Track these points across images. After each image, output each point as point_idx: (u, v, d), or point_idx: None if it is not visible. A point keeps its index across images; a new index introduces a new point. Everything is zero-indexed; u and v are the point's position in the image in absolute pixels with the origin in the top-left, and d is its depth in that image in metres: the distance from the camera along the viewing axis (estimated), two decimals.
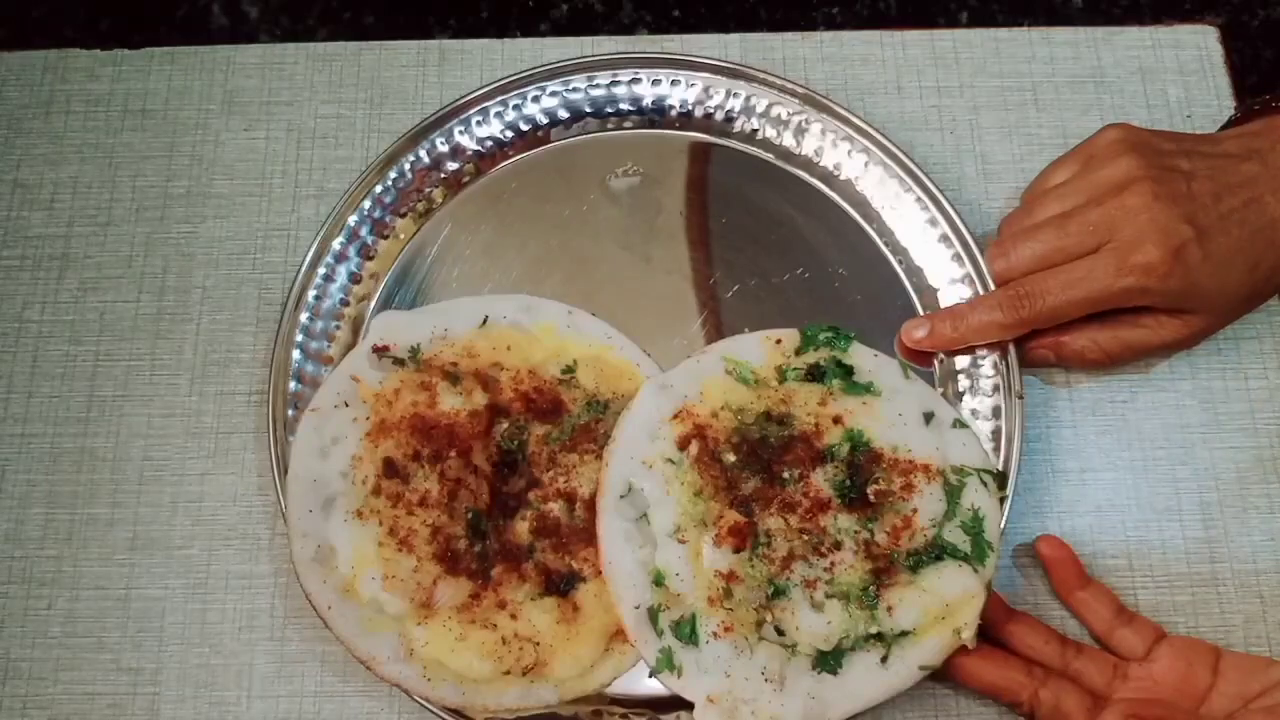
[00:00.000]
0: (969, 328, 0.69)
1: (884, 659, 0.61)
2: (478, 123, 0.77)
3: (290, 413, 0.69)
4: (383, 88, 0.81)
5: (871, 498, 0.64)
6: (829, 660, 0.61)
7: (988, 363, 0.71)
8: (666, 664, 0.61)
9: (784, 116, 0.77)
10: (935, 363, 0.72)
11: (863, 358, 0.68)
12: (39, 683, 0.67)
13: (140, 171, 0.79)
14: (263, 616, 0.68)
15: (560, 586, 0.64)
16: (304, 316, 0.72)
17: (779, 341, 0.69)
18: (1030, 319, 0.68)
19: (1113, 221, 0.66)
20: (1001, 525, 0.65)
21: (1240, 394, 0.73)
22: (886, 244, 0.75)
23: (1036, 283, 0.68)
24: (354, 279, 0.74)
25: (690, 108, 0.78)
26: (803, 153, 0.77)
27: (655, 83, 0.78)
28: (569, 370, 0.69)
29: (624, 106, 0.78)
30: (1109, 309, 0.68)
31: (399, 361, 0.68)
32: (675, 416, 0.65)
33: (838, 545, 0.63)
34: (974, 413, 0.70)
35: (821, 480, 0.64)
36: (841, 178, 0.76)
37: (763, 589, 0.62)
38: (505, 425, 0.67)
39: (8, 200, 0.78)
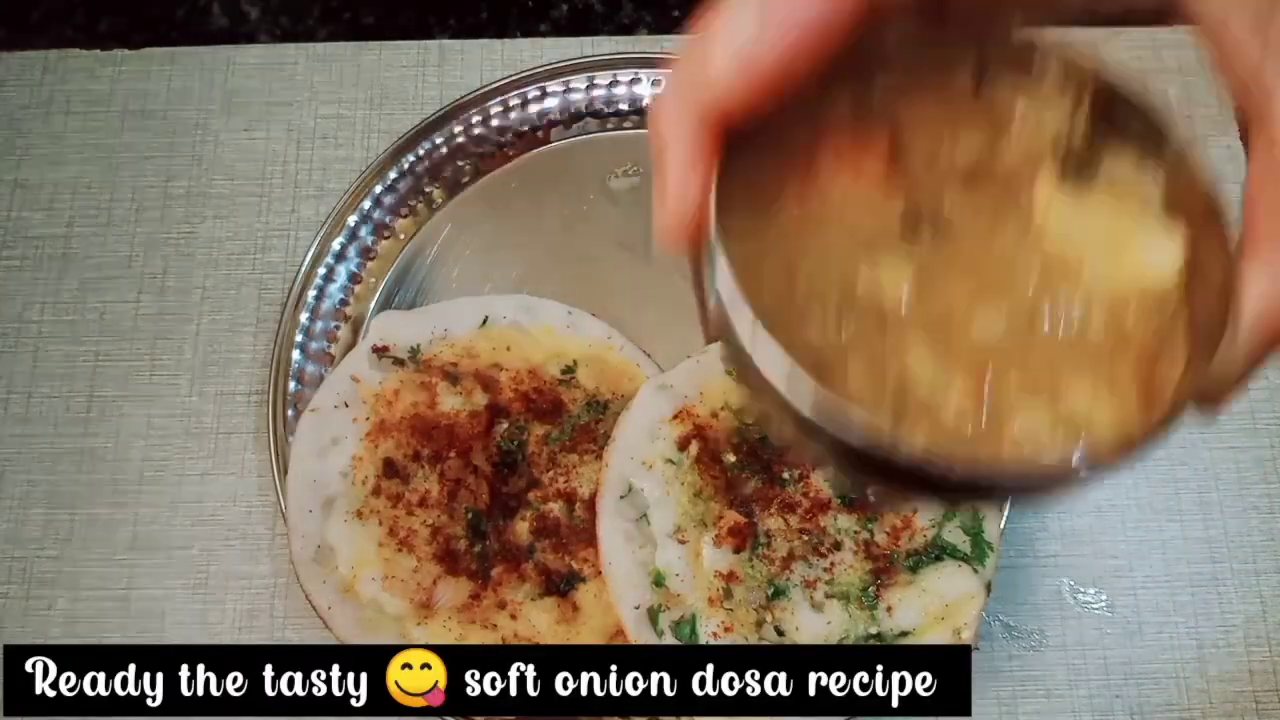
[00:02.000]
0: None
1: None
2: (477, 123, 0.77)
3: (290, 413, 0.69)
4: (383, 88, 0.81)
5: (871, 498, 0.64)
6: None
7: None
8: None
9: None
10: None
11: None
12: None
13: (140, 171, 0.79)
14: (263, 616, 0.68)
15: (560, 587, 0.64)
16: (304, 316, 0.72)
17: None
18: None
19: None
20: (1001, 525, 0.65)
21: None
22: None
23: None
24: (354, 279, 0.74)
25: None
26: None
27: (655, 83, 0.78)
28: (569, 370, 0.69)
29: (624, 106, 0.78)
30: None
31: (399, 362, 0.68)
32: (675, 417, 0.65)
33: (837, 545, 0.63)
34: None
35: (821, 480, 0.64)
36: None
37: (763, 589, 0.62)
38: (505, 425, 0.67)
39: (8, 200, 0.78)
